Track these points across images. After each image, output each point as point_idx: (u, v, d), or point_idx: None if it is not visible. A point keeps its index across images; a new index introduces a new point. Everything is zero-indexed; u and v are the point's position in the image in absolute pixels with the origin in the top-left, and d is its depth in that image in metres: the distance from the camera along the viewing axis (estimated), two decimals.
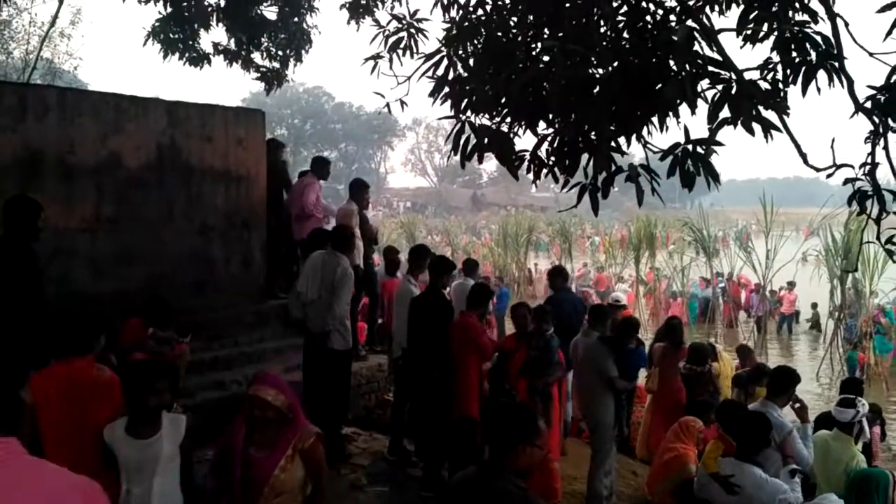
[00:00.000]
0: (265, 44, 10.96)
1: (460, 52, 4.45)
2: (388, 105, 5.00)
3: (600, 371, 6.26)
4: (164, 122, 7.42)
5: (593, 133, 3.99)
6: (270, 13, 10.96)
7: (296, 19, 10.86)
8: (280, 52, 11.03)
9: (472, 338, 6.04)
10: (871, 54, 3.56)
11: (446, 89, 4.29)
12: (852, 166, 3.73)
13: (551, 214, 35.89)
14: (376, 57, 5.15)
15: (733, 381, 8.13)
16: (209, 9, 10.64)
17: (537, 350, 6.33)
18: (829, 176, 3.80)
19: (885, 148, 3.62)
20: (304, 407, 6.19)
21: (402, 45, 5.10)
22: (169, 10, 10.42)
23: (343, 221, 7.73)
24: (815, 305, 19.64)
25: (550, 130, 4.21)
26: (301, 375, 6.40)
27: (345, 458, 6.33)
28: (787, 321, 19.91)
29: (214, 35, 11.14)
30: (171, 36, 10.63)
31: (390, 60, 5.11)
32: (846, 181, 3.69)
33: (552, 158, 4.27)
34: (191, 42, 10.84)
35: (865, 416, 5.36)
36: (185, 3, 10.48)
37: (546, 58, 4.10)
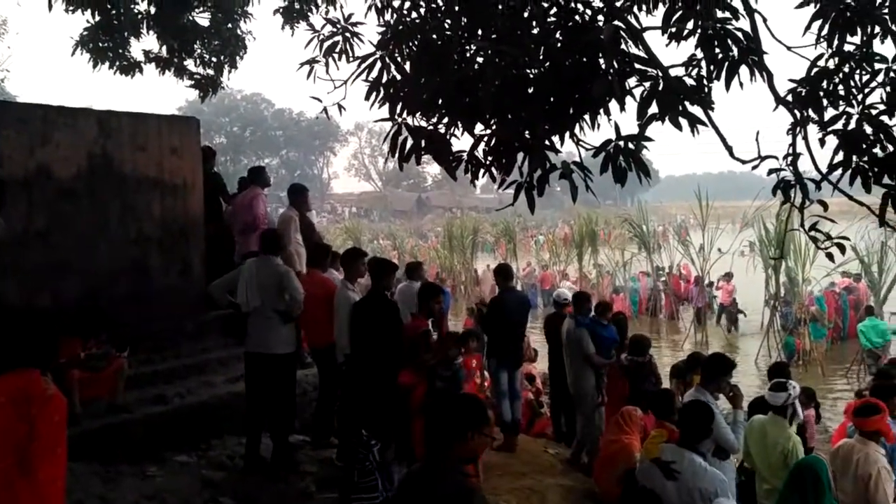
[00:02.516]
0: (198, 50, 10.76)
1: (395, 54, 4.47)
2: (325, 110, 4.98)
3: (579, 348, 7.62)
4: (95, 131, 7.22)
5: (528, 132, 4.05)
6: (203, 20, 10.79)
7: (229, 25, 10.71)
8: (214, 59, 10.85)
9: (422, 343, 6.05)
10: (789, 48, 3.72)
11: (381, 92, 4.30)
12: (776, 157, 3.88)
13: (496, 215, 36.15)
14: (312, 62, 5.11)
15: (671, 372, 8.34)
16: (139, 16, 10.39)
17: (443, 381, 5.74)
18: (754, 168, 3.95)
19: (805, 139, 3.77)
20: (251, 416, 6.19)
21: (337, 50, 5.08)
22: (97, 18, 10.13)
23: (282, 228, 7.65)
24: (734, 304, 19.77)
25: (487, 131, 4.27)
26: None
27: (294, 466, 6.27)
28: (725, 311, 20.51)
29: (146, 43, 10.92)
30: (101, 45, 10.35)
31: (326, 65, 5.07)
32: (770, 172, 3.84)
33: (489, 158, 4.32)
34: (121, 51, 10.56)
35: (798, 399, 5.56)
36: (113, 12, 10.21)
37: (479, 59, 4.16)
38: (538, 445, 8.02)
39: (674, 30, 3.88)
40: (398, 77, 4.32)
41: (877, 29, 3.89)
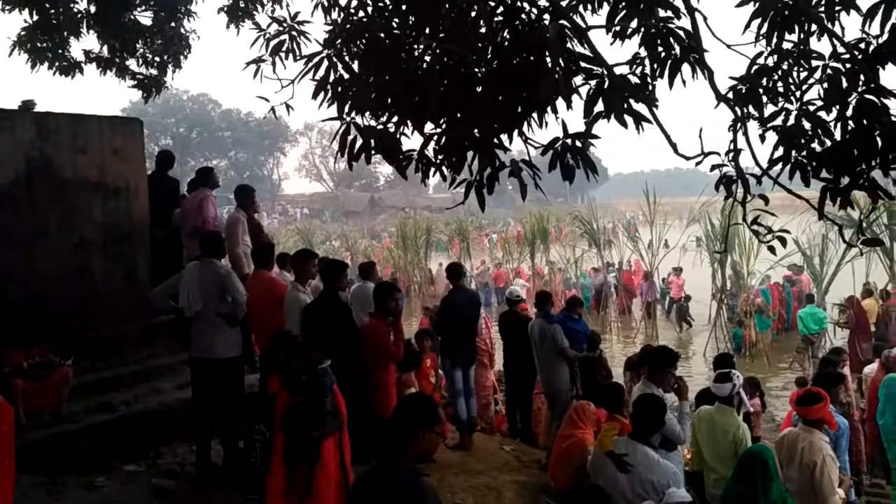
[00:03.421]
0: (140, 50, 10.53)
1: (343, 53, 4.43)
2: (273, 109, 4.92)
3: (554, 343, 7.81)
4: (33, 133, 7.00)
5: (477, 131, 4.06)
6: (145, 18, 10.55)
7: (172, 24, 10.48)
8: (157, 59, 10.63)
9: (378, 344, 6.04)
10: (728, 46, 3.80)
11: (329, 91, 4.26)
12: (718, 154, 3.96)
13: (450, 215, 36.26)
14: (258, 61, 5.05)
15: (625, 365, 8.48)
16: (78, 15, 10.10)
17: (304, 392, 4.90)
18: (697, 164, 4.02)
19: (746, 135, 3.87)
20: (199, 423, 6.07)
21: (284, 49, 5.02)
22: (35, 18, 9.83)
23: (230, 230, 7.53)
24: (688, 298, 20.05)
25: (437, 130, 4.26)
26: None
27: (244, 473, 6.17)
28: (675, 304, 20.92)
29: (86, 42, 10.61)
30: (39, 45, 10.05)
31: (273, 64, 5.02)
32: (713, 167, 3.92)
33: (439, 157, 4.32)
34: (60, 51, 10.27)
35: (742, 388, 5.70)
36: (52, 11, 9.91)
37: (427, 58, 4.16)
38: (494, 443, 8.06)
39: (618, 29, 3.92)
40: (346, 76, 4.28)
41: (813, 27, 4.00)
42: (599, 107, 3.62)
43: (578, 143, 3.65)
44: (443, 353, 7.73)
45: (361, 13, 4.60)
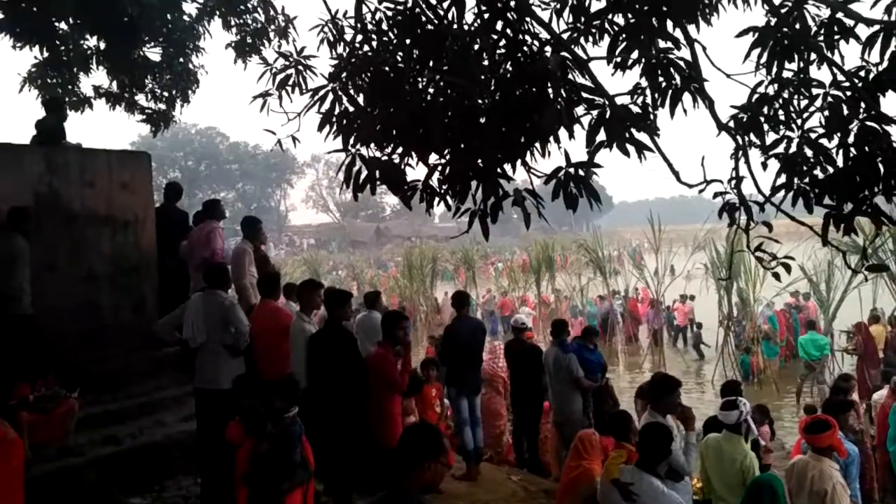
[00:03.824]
0: (149, 85, 10.71)
1: (348, 86, 4.50)
2: (279, 142, 4.99)
3: (569, 372, 7.86)
4: (42, 168, 7.10)
5: (480, 161, 4.11)
6: (154, 54, 10.75)
7: (181, 60, 10.67)
8: (165, 94, 10.81)
9: (384, 373, 6.01)
10: (728, 76, 3.86)
11: (335, 123, 4.32)
12: (721, 181, 3.99)
13: (455, 244, 36.31)
14: (265, 94, 5.13)
15: (637, 392, 8.41)
16: (88, 52, 10.31)
17: (271, 442, 4.58)
18: (700, 191, 4.05)
19: (748, 163, 3.90)
20: (204, 455, 6.04)
21: (290, 82, 5.10)
22: (45, 54, 10.02)
23: (236, 261, 7.55)
24: (699, 326, 19.92)
25: (441, 160, 4.31)
26: None
27: None
28: (682, 332, 20.79)
29: (95, 78, 10.82)
30: (49, 81, 10.23)
31: (280, 97, 5.09)
32: (715, 195, 3.95)
33: (443, 187, 4.36)
34: (70, 86, 10.47)
35: (750, 415, 5.65)
36: (62, 48, 10.11)
37: (431, 90, 4.22)
38: (501, 473, 7.99)
39: (619, 60, 3.99)
40: (350, 109, 4.35)
41: (813, 56, 4.06)
42: (601, 136, 3.66)
43: (581, 172, 3.68)
44: (448, 382, 7.69)
45: (367, 47, 4.69)
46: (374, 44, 4.64)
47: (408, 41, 4.47)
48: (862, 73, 3.91)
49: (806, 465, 5.32)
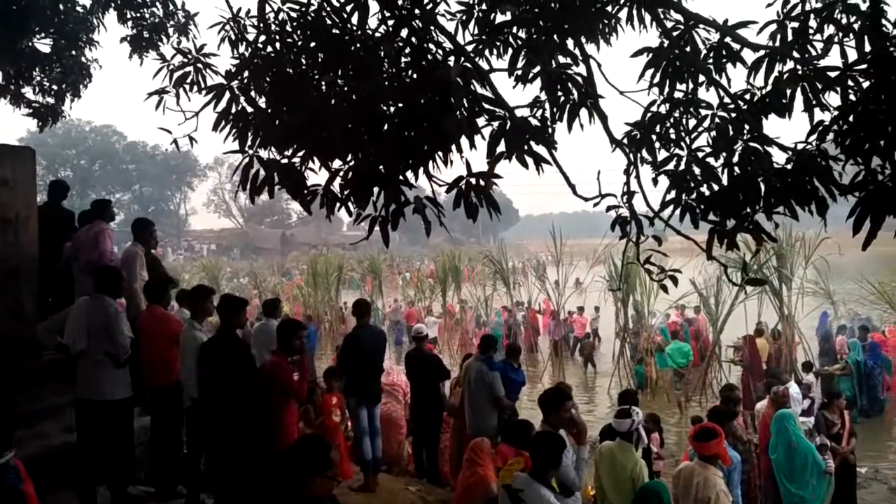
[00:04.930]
0: (37, 77, 10.12)
1: (249, 86, 4.39)
2: (175, 141, 4.80)
3: (491, 390, 7.69)
4: None
5: (382, 167, 4.08)
6: (43, 46, 10.18)
7: (72, 52, 10.13)
8: (54, 87, 10.24)
9: (281, 381, 5.85)
10: (621, 93, 3.99)
11: (231, 123, 4.20)
12: (615, 195, 4.13)
13: (364, 252, 35.98)
14: (161, 92, 4.93)
15: (538, 401, 8.57)
16: None
17: None
18: (595, 205, 4.18)
19: (638, 178, 4.05)
20: (84, 469, 5.71)
21: (188, 80, 4.93)
22: None
23: (127, 265, 7.21)
24: (593, 336, 20.64)
25: (343, 165, 4.25)
26: None
27: None
28: (580, 343, 21.35)
29: None
30: None
31: (177, 96, 4.91)
32: (608, 209, 4.07)
33: (345, 192, 4.31)
34: None
35: (642, 424, 5.84)
36: None
37: (334, 94, 4.17)
38: (399, 483, 7.94)
39: (520, 73, 4.06)
40: (249, 109, 4.24)
41: (702, 78, 4.26)
42: (502, 147, 3.71)
43: (482, 182, 3.72)
44: (347, 392, 7.56)
45: (270, 48, 4.58)
46: (278, 45, 4.55)
47: (312, 44, 4.40)
48: (747, 96, 4.14)
49: (692, 472, 5.54)
